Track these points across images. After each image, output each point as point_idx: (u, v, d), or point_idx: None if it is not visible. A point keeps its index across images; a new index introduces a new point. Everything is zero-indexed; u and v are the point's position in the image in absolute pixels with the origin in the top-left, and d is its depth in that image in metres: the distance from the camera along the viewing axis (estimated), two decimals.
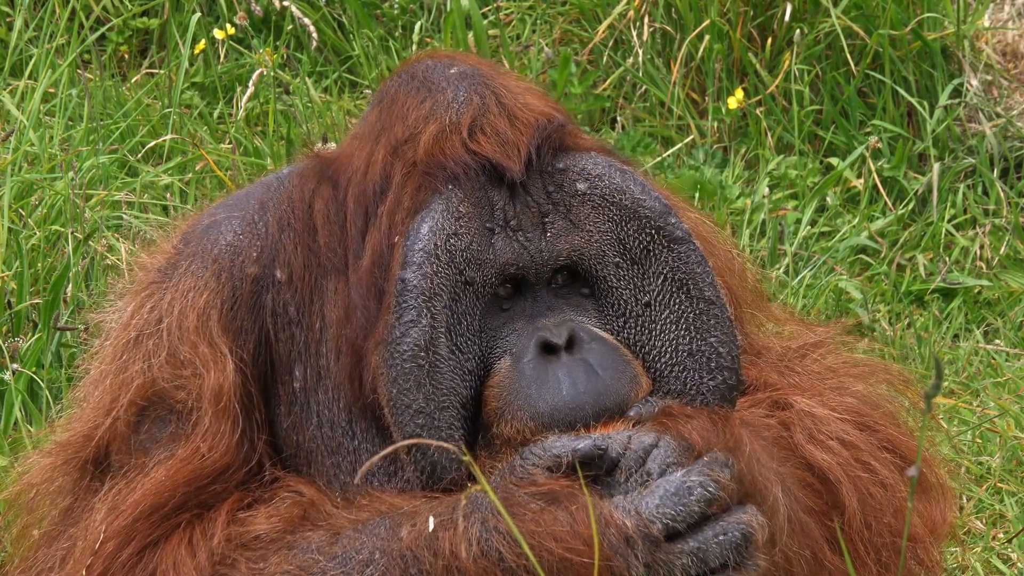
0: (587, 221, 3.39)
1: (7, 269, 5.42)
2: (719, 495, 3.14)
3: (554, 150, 3.38)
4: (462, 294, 3.32)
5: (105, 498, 3.36)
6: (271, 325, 3.43)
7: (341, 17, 7.20)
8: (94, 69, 6.97)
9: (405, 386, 3.26)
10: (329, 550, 3.20)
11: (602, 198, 3.38)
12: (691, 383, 3.40)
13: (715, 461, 3.16)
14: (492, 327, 3.36)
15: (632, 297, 3.42)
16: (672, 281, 3.41)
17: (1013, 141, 6.72)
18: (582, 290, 3.43)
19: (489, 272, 3.34)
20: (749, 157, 6.70)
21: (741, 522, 3.15)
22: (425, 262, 3.27)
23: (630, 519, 3.11)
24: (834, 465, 3.43)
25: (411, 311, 3.26)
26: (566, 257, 3.39)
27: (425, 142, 3.34)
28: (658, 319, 3.41)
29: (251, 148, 6.42)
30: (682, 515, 3.12)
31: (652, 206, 3.40)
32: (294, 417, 3.42)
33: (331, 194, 3.43)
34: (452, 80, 3.40)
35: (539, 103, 3.40)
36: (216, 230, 3.47)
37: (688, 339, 3.41)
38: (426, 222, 3.29)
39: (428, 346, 3.27)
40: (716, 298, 3.41)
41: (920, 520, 3.57)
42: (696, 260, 3.41)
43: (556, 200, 3.38)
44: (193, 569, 3.25)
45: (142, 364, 3.40)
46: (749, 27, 6.80)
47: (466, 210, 3.32)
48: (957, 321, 6.16)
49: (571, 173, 3.38)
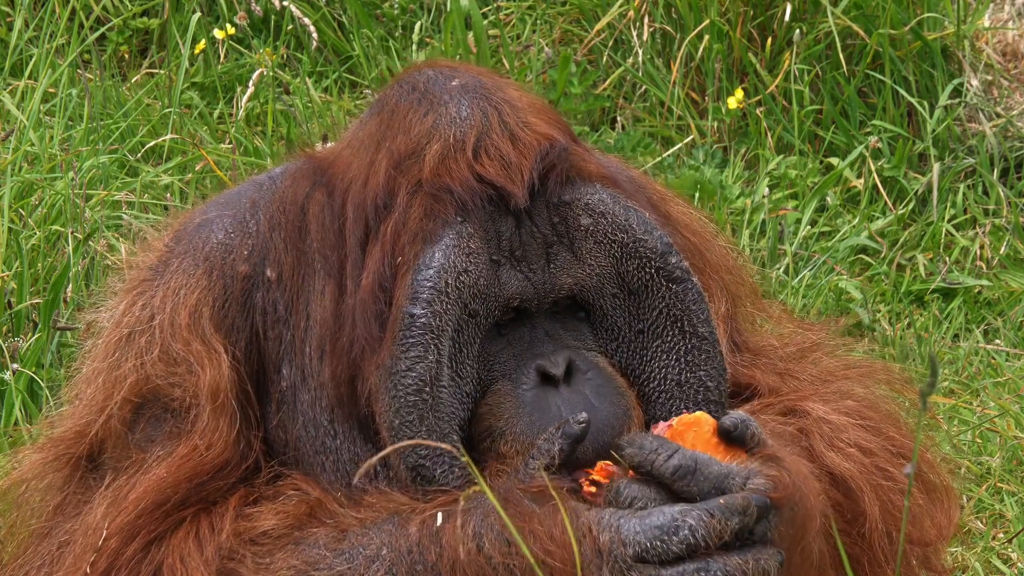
0: (589, 256, 3.39)
1: (7, 269, 5.42)
2: (706, 543, 3.07)
3: (560, 181, 3.36)
4: (465, 326, 3.32)
5: (105, 494, 3.35)
6: (261, 323, 3.42)
7: (341, 17, 7.20)
8: (94, 69, 6.98)
9: (408, 418, 3.25)
10: (336, 546, 3.20)
11: (605, 235, 3.38)
12: (676, 412, 3.39)
13: (728, 507, 3.09)
14: (491, 352, 3.36)
15: (626, 324, 3.43)
16: (667, 316, 3.41)
17: (1013, 141, 6.71)
18: (578, 314, 3.43)
19: (493, 304, 3.34)
20: (749, 157, 6.70)
21: (729, 565, 3.09)
22: (435, 300, 3.26)
23: (606, 534, 3.08)
24: (856, 474, 3.40)
25: (418, 347, 3.25)
26: (567, 289, 3.39)
27: (430, 161, 3.32)
28: (649, 347, 3.42)
29: (251, 148, 6.42)
30: (658, 550, 3.07)
31: (654, 246, 3.39)
32: (282, 415, 3.42)
33: (326, 199, 3.42)
34: (455, 93, 3.38)
35: (541, 121, 3.38)
36: (207, 228, 3.46)
37: (678, 370, 3.42)
38: (437, 257, 3.28)
39: (433, 381, 3.26)
40: (709, 335, 3.41)
41: (931, 523, 3.55)
42: (692, 298, 3.41)
43: (560, 232, 3.38)
44: (201, 563, 3.24)
45: (135, 361, 3.39)
46: (749, 27, 6.79)
47: (475, 246, 3.31)
48: (957, 321, 6.15)
49: (575, 207, 3.37)
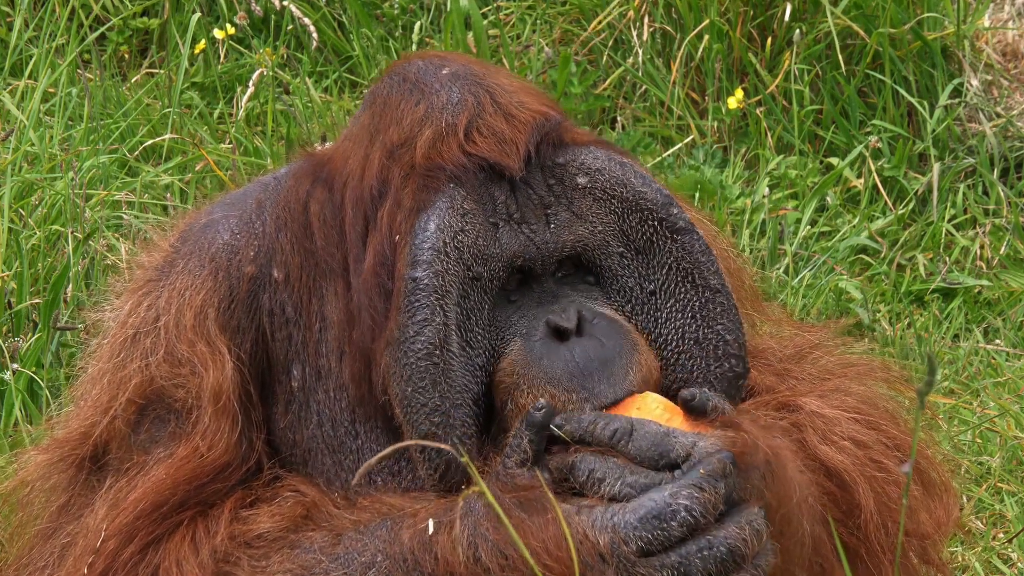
0: (589, 213, 3.38)
1: (7, 269, 5.42)
2: (704, 519, 3.05)
3: (553, 146, 3.37)
4: (471, 290, 3.31)
5: (105, 496, 3.35)
6: (268, 324, 3.42)
7: (341, 17, 7.20)
8: (94, 69, 6.97)
9: (420, 384, 3.23)
10: (331, 551, 3.19)
11: (603, 191, 3.37)
12: (698, 371, 3.38)
13: (711, 475, 3.08)
14: (501, 319, 3.35)
15: (637, 285, 3.41)
16: (677, 271, 3.40)
17: (1013, 141, 6.71)
18: (587, 278, 3.42)
19: (496, 266, 3.33)
20: (749, 157, 6.70)
21: (729, 536, 3.06)
22: (435, 260, 3.25)
23: (604, 535, 3.05)
24: (849, 466, 3.39)
25: (424, 309, 3.24)
26: (571, 247, 3.38)
27: (422, 146, 3.32)
28: (663, 307, 3.40)
29: (251, 148, 6.42)
30: (660, 539, 3.05)
31: (654, 198, 3.39)
32: (292, 416, 3.41)
33: (326, 196, 3.42)
34: (445, 81, 3.38)
35: (534, 101, 3.38)
36: (213, 229, 3.47)
37: (695, 327, 3.39)
38: (432, 220, 3.27)
39: (442, 344, 3.24)
40: (721, 286, 3.39)
41: (928, 517, 3.55)
42: (700, 249, 3.40)
43: (557, 193, 3.37)
44: (196, 566, 3.24)
45: (140, 362, 3.39)
46: (749, 27, 6.79)
47: (469, 207, 3.30)
48: (957, 321, 6.15)
49: (571, 168, 3.37)
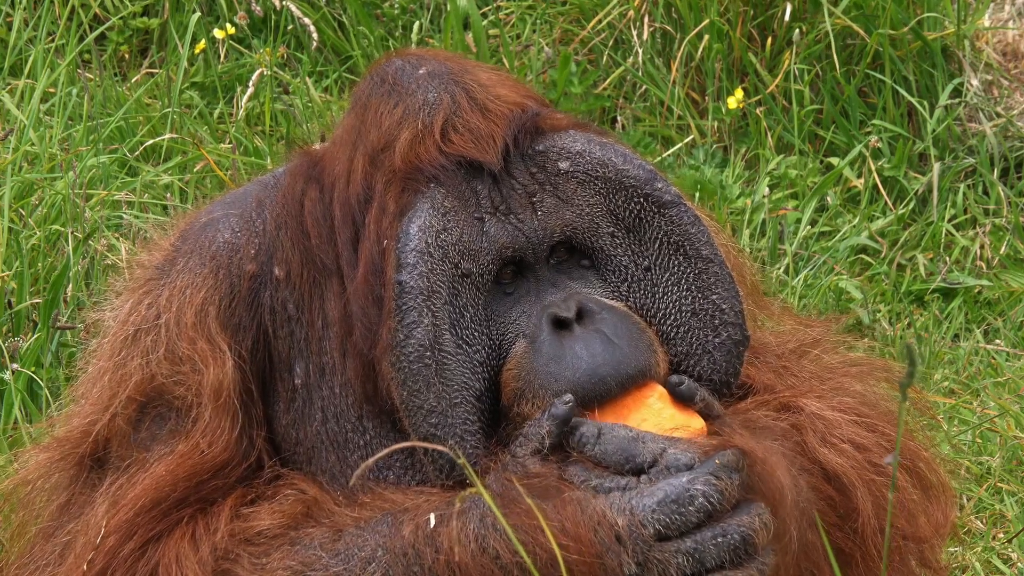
0: (575, 196, 3.38)
1: (7, 269, 5.42)
2: (721, 507, 3.10)
3: (531, 135, 3.37)
4: (461, 287, 3.31)
5: (106, 493, 3.35)
6: (269, 322, 3.43)
7: (341, 17, 7.20)
8: (94, 69, 6.97)
9: (415, 387, 3.24)
10: (332, 547, 3.19)
11: (586, 173, 3.37)
12: (697, 343, 3.39)
13: (725, 467, 3.12)
14: (499, 313, 3.35)
15: (632, 263, 3.41)
16: (668, 244, 3.40)
17: (1013, 141, 6.71)
18: (582, 262, 3.42)
19: (486, 260, 3.33)
20: (749, 157, 6.70)
21: (742, 524, 3.10)
22: (419, 262, 3.26)
23: (622, 517, 3.07)
24: (848, 469, 3.39)
25: (412, 312, 3.25)
26: (560, 232, 3.37)
27: (400, 149, 3.33)
28: (659, 282, 3.40)
29: (251, 148, 6.42)
30: (677, 524, 3.08)
31: (636, 174, 3.38)
32: (294, 413, 3.42)
33: (318, 195, 3.42)
34: (422, 81, 3.38)
35: (512, 93, 3.39)
36: (214, 228, 3.47)
37: (691, 299, 3.39)
38: (414, 222, 3.28)
39: (433, 345, 3.25)
40: (714, 256, 3.40)
41: (926, 520, 3.54)
42: (689, 220, 3.40)
43: (540, 180, 3.37)
44: (196, 563, 3.24)
45: (140, 360, 3.40)
46: (749, 27, 6.79)
47: (451, 204, 3.30)
48: (957, 321, 6.15)
49: (551, 154, 3.37)
